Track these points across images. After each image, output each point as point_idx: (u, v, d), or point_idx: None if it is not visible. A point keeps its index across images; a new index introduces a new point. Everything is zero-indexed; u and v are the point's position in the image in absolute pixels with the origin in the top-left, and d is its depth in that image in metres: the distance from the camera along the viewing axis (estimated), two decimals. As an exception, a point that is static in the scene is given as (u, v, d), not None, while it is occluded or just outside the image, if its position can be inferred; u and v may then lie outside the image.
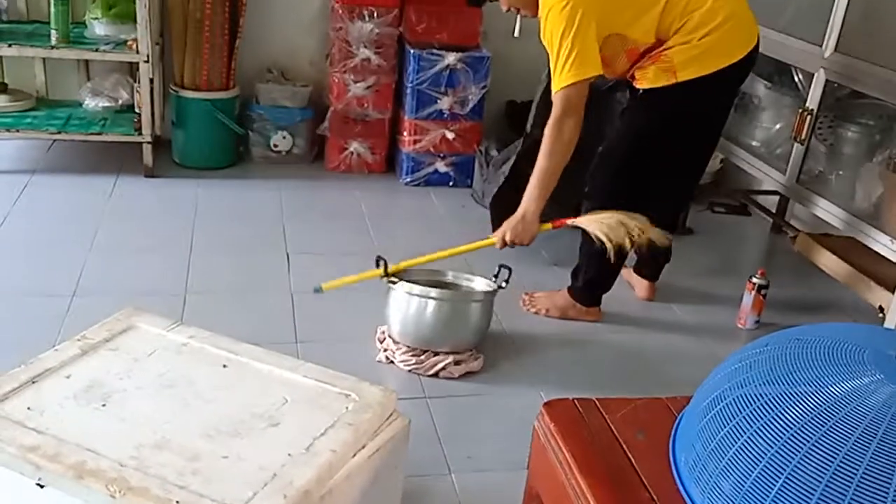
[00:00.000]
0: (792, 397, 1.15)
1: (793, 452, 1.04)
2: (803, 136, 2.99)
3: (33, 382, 1.36)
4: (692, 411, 1.29)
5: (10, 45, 3.14)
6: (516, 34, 2.68)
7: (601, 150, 2.59)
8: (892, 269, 2.60)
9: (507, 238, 2.41)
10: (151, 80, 3.27)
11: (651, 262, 2.83)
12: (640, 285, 2.85)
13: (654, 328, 2.69)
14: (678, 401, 1.42)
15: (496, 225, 3.18)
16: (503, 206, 3.17)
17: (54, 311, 2.36)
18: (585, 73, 2.26)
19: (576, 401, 1.39)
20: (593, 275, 2.61)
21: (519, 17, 2.57)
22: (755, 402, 1.17)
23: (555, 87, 2.31)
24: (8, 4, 3.42)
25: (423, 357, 2.28)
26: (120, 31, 3.29)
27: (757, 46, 2.45)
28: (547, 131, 2.34)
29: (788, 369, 1.21)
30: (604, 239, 2.29)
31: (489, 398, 2.22)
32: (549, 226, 2.44)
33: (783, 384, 1.19)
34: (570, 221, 2.41)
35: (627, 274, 2.87)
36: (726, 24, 2.32)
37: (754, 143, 3.38)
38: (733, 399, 1.22)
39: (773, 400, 1.16)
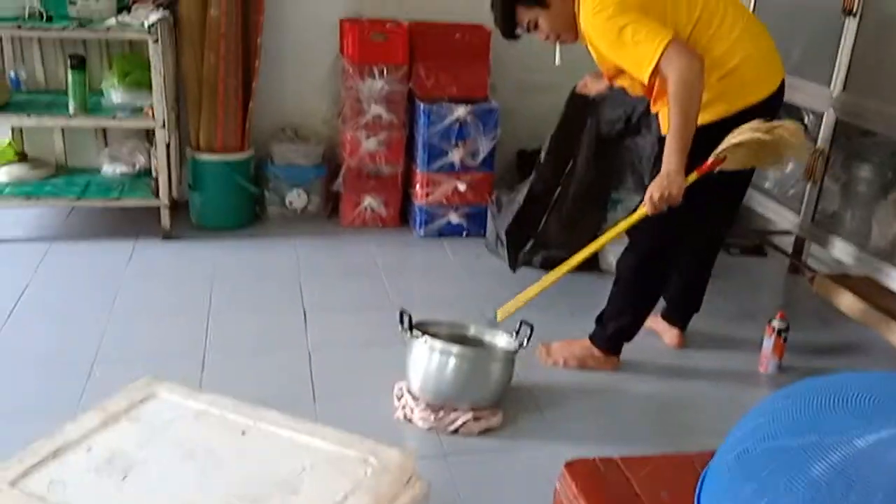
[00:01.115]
0: (817, 451, 1.13)
1: (820, 510, 1.02)
2: (816, 176, 2.99)
3: (55, 456, 1.37)
4: (716, 468, 1.27)
5: (29, 116, 3.22)
6: (557, 62, 2.66)
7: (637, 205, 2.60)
8: (913, 308, 2.57)
9: (656, 197, 2.21)
10: (168, 145, 3.33)
11: (682, 310, 2.82)
12: (670, 333, 2.83)
13: (675, 376, 2.67)
14: (702, 456, 1.40)
15: (513, 255, 3.20)
16: (519, 233, 3.20)
17: (75, 378, 2.37)
18: (668, 34, 2.15)
19: (597, 460, 1.38)
20: (627, 322, 2.59)
21: (558, 44, 2.53)
22: (780, 457, 1.15)
23: (644, 68, 2.18)
24: (27, 76, 3.50)
25: (441, 413, 2.27)
26: (136, 99, 3.36)
27: (782, 85, 2.42)
28: (673, 101, 2.16)
29: (812, 421, 1.19)
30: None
31: (510, 455, 2.19)
32: (694, 175, 2.25)
33: (809, 435, 1.17)
34: (711, 160, 2.25)
35: (654, 322, 2.84)
36: (744, 66, 2.30)
37: (767, 185, 3.38)
38: (759, 453, 1.20)
39: (798, 454, 1.14)
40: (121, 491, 1.30)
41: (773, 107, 2.42)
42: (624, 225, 2.38)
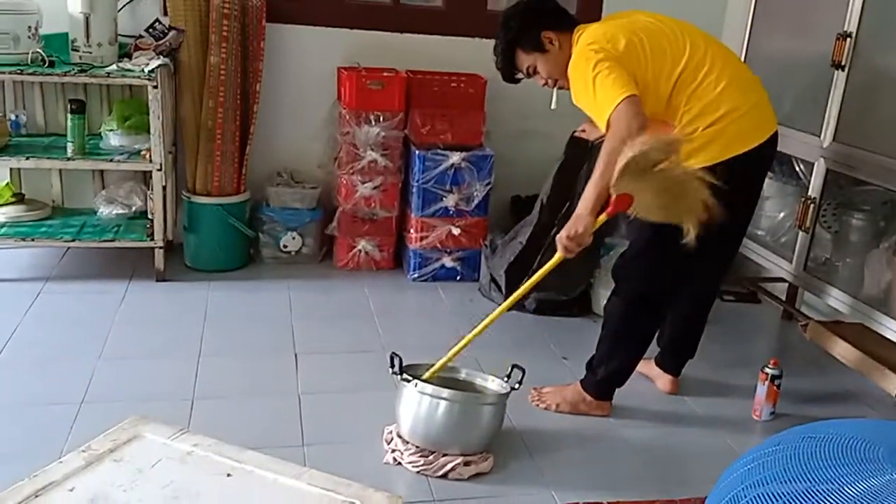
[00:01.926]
0: (807, 498, 1.13)
1: (809, 557, 1.02)
2: (807, 225, 3.02)
3: (37, 496, 1.35)
4: (705, 513, 1.26)
5: (27, 158, 3.24)
6: (553, 106, 2.73)
7: (625, 250, 2.62)
8: (905, 356, 2.57)
9: (563, 236, 2.26)
10: (164, 188, 3.35)
11: (675, 356, 2.81)
12: (663, 379, 2.82)
13: (668, 422, 2.65)
14: (692, 503, 1.39)
15: (510, 291, 3.20)
16: (518, 273, 3.25)
17: (63, 419, 2.35)
18: (630, 90, 2.20)
19: (587, 504, 1.36)
20: (615, 367, 2.58)
21: (556, 89, 2.59)
22: (772, 503, 1.15)
23: (603, 116, 2.22)
24: (27, 119, 3.54)
25: (431, 458, 2.25)
26: (134, 142, 3.39)
27: (773, 138, 2.43)
28: (603, 150, 2.22)
29: (803, 468, 1.19)
30: (661, 219, 2.21)
31: (499, 500, 2.17)
32: (603, 217, 2.26)
33: (799, 482, 1.17)
34: (613, 199, 2.21)
35: (647, 367, 2.83)
36: (729, 117, 2.33)
37: (759, 232, 3.40)
38: (749, 500, 1.19)
39: (789, 500, 1.14)
40: (102, 532, 1.28)
41: (762, 157, 2.44)
42: (546, 269, 2.36)
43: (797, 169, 3.26)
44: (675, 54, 2.36)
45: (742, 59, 3.40)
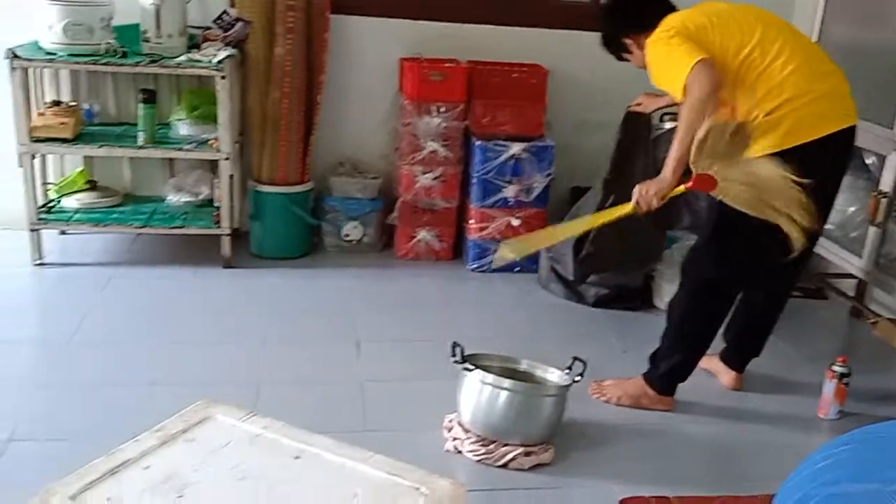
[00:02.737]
0: (880, 499, 1.11)
1: (883, 557, 0.99)
2: (879, 219, 2.93)
3: (113, 474, 1.40)
4: (774, 511, 1.24)
5: (100, 147, 3.35)
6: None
7: (694, 243, 2.61)
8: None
9: (641, 192, 2.35)
10: (231, 176, 3.42)
11: (741, 352, 2.77)
12: (727, 375, 2.78)
13: (731, 418, 2.61)
14: (759, 499, 1.37)
15: (581, 277, 3.31)
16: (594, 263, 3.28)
17: (133, 400, 2.43)
18: (703, 55, 2.24)
19: (652, 499, 1.35)
20: (678, 361, 2.56)
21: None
22: (844, 502, 1.13)
23: (679, 83, 2.25)
24: (100, 108, 3.65)
25: (492, 447, 2.26)
26: (202, 131, 3.47)
27: (845, 133, 2.36)
28: (683, 112, 2.30)
29: (875, 469, 1.16)
30: (747, 210, 2.24)
31: (560, 492, 2.17)
32: (681, 188, 2.33)
33: (870, 484, 1.14)
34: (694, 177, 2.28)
35: (710, 362, 2.79)
36: (794, 103, 2.28)
37: (829, 227, 3.31)
38: (819, 499, 1.17)
39: (860, 500, 1.12)
40: (176, 509, 1.33)
41: (834, 150, 2.36)
42: (613, 214, 2.49)
43: (868, 162, 3.17)
44: (746, 36, 2.33)
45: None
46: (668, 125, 3.42)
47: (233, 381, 2.59)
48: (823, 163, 2.37)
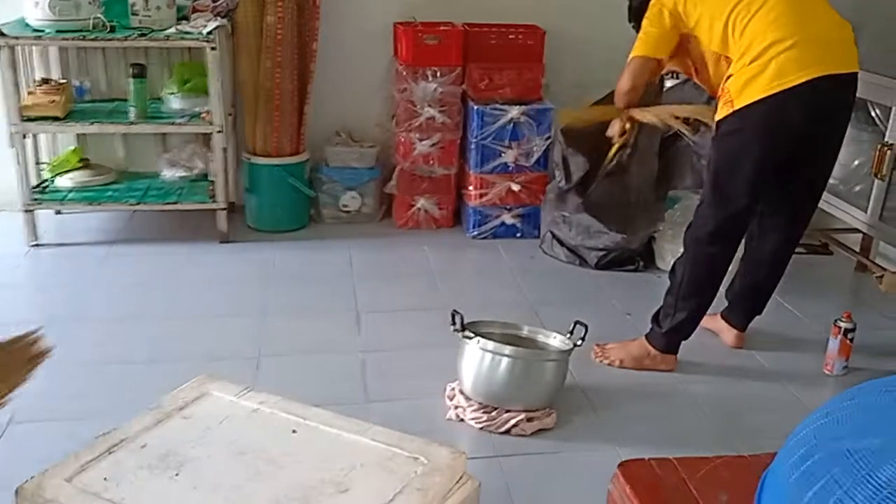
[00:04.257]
0: (884, 454, 1.08)
1: (889, 515, 0.97)
2: (884, 173, 2.89)
3: (110, 453, 1.39)
4: (778, 469, 1.22)
5: (91, 123, 3.31)
6: None
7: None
8: None
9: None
10: (225, 149, 3.39)
11: (743, 311, 2.74)
12: (729, 333, 2.76)
13: (735, 377, 2.59)
14: (762, 458, 1.35)
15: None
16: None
17: (133, 377, 2.42)
18: (652, 52, 2.53)
19: (652, 461, 1.34)
20: (682, 319, 2.53)
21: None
22: (847, 459, 1.11)
23: (633, 52, 2.58)
24: (91, 85, 3.61)
25: (494, 414, 2.25)
26: (194, 105, 3.42)
27: (842, 77, 2.31)
28: (617, 90, 2.69)
29: (881, 423, 1.14)
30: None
31: (563, 456, 2.16)
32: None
33: (875, 438, 1.12)
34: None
35: (712, 321, 2.77)
36: (778, 46, 2.24)
37: (833, 181, 3.26)
38: (822, 456, 1.15)
39: (864, 456, 1.10)
40: (173, 487, 1.31)
41: (828, 94, 2.29)
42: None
43: (873, 114, 3.11)
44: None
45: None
46: (668, 83, 3.38)
47: (232, 355, 2.58)
48: (823, 109, 2.32)
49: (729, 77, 2.35)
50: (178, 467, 1.36)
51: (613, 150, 3.14)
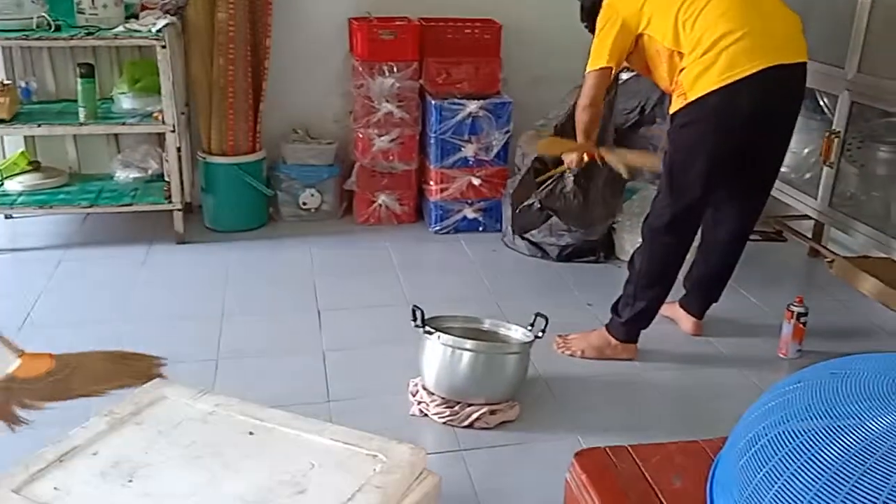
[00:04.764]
0: (830, 433, 1.11)
1: (834, 494, 1.00)
2: (832, 160, 2.94)
3: (60, 461, 1.37)
4: (728, 453, 1.25)
5: (39, 125, 3.24)
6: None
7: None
8: (935, 289, 2.51)
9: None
10: (179, 149, 3.34)
11: (701, 298, 2.78)
12: (687, 321, 2.79)
13: (694, 363, 2.63)
14: (714, 442, 1.37)
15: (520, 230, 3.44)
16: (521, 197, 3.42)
17: (90, 384, 2.38)
18: (607, 61, 2.52)
19: (608, 449, 1.35)
20: (642, 308, 2.55)
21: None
22: (792, 441, 1.13)
23: (588, 66, 2.58)
24: (38, 86, 3.53)
25: (457, 408, 2.25)
26: (146, 104, 3.37)
27: (791, 67, 2.34)
28: (578, 109, 2.69)
29: (826, 404, 1.16)
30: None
31: (527, 447, 2.17)
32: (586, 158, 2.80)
33: (821, 419, 1.14)
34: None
35: (671, 309, 2.81)
36: (728, 38, 2.27)
37: (784, 169, 3.31)
38: (770, 438, 1.17)
39: (810, 437, 1.12)
40: (125, 495, 1.29)
41: (778, 84, 2.33)
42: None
43: (821, 103, 3.17)
44: None
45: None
46: (624, 75, 3.40)
47: (191, 357, 2.55)
48: (771, 98, 2.35)
49: (682, 70, 2.37)
50: (130, 474, 1.35)
51: (557, 170, 3.18)
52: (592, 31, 2.64)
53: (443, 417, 2.25)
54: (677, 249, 2.56)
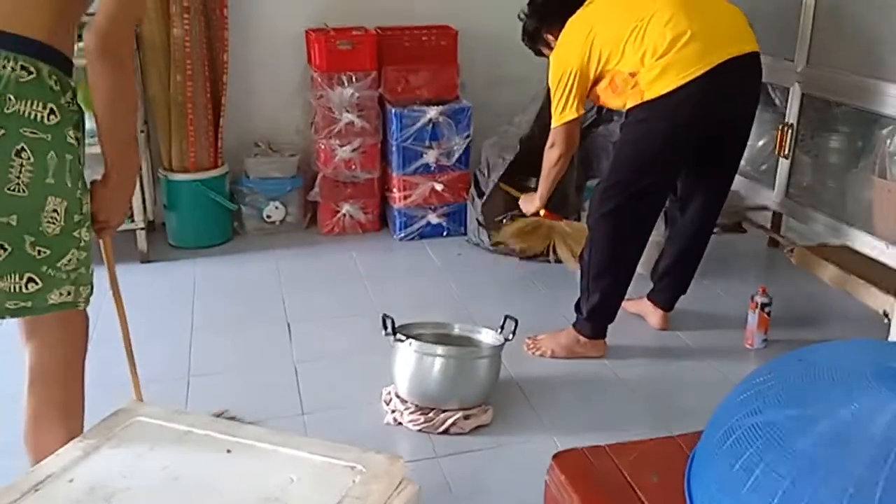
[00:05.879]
0: (802, 423, 1.14)
1: (807, 483, 1.02)
2: (787, 151, 3.01)
3: (36, 490, 1.34)
4: (704, 447, 1.27)
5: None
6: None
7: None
8: (890, 273, 2.58)
9: (523, 202, 3.10)
10: (139, 167, 3.29)
11: (668, 291, 2.81)
12: (655, 315, 2.83)
13: (663, 358, 2.67)
14: (691, 437, 1.40)
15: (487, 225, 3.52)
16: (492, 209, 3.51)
17: (60, 409, 2.34)
18: (573, 113, 2.58)
19: (585, 449, 1.37)
20: (599, 299, 2.56)
21: None
22: (765, 432, 1.16)
23: (553, 122, 2.64)
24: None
25: (431, 415, 2.26)
26: (104, 123, 3.32)
27: (741, 59, 2.39)
28: (545, 163, 2.76)
29: (795, 394, 1.19)
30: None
31: (502, 450, 2.19)
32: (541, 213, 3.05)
33: (791, 409, 1.17)
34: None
35: (638, 305, 2.85)
36: (680, 41, 2.33)
37: (741, 162, 3.38)
38: (744, 430, 1.20)
39: (782, 428, 1.15)
40: (105, 520, 1.28)
41: (731, 78, 2.37)
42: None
43: (773, 96, 3.24)
44: (626, 14, 2.42)
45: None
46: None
47: (161, 377, 2.51)
48: (729, 92, 2.41)
49: (637, 73, 2.40)
50: (108, 499, 1.33)
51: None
52: (535, 53, 2.77)
53: (418, 424, 2.26)
54: (623, 238, 2.54)
